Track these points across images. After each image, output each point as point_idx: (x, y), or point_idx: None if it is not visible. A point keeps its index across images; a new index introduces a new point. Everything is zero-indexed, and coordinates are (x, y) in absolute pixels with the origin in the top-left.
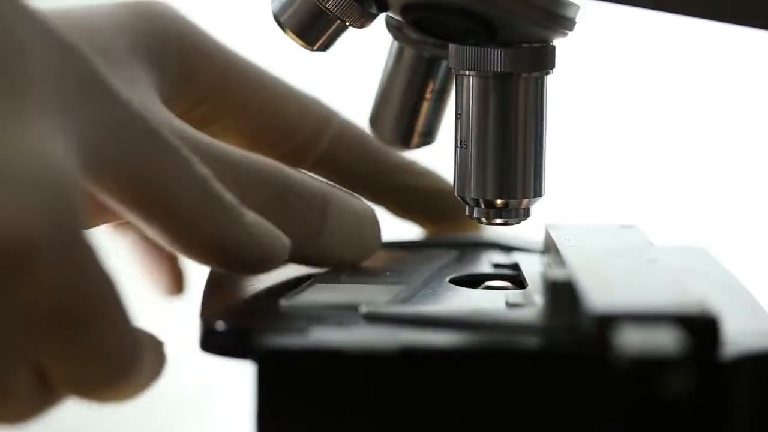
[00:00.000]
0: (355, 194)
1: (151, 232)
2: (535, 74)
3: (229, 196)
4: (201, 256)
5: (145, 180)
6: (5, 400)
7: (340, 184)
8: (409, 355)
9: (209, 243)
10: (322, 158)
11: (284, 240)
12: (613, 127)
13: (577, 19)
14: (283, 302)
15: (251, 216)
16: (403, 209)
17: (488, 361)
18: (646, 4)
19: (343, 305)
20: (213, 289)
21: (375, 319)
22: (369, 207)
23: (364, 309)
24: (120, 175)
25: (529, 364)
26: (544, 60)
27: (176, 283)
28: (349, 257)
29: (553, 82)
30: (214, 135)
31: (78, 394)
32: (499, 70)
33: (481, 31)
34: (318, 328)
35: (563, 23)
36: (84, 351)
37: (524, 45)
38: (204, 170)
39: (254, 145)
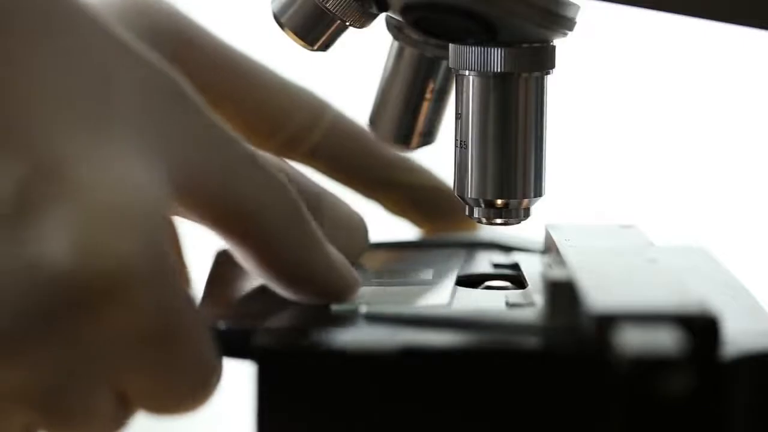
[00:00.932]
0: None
1: (237, 253)
2: (536, 74)
3: (314, 223)
4: (285, 283)
5: (239, 204)
6: (89, 422)
7: (333, 177)
8: (410, 355)
9: (295, 271)
10: (316, 150)
11: (357, 277)
12: (613, 127)
13: (577, 19)
14: (335, 308)
15: (332, 249)
16: (396, 205)
17: (488, 361)
18: (646, 4)
19: (402, 309)
20: (213, 289)
21: (375, 319)
22: (357, 212)
23: (363, 309)
24: (212, 197)
25: (529, 364)
26: (545, 60)
27: (180, 275)
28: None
29: (553, 82)
30: None
31: (156, 411)
32: (499, 70)
33: (481, 31)
34: (318, 328)
35: (563, 23)
36: (169, 372)
37: (524, 45)
38: (295, 194)
39: (247, 136)
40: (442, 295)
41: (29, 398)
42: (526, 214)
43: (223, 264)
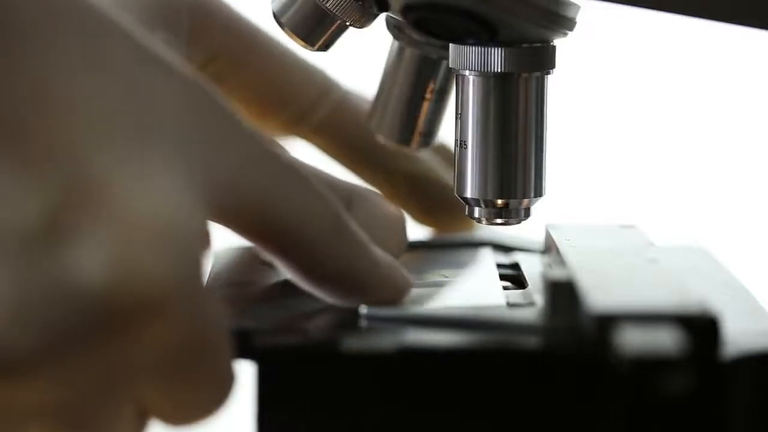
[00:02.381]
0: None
1: (280, 264)
2: (536, 74)
3: (358, 231)
4: (329, 291)
5: (278, 217)
6: None
7: (335, 158)
8: (409, 355)
9: (338, 279)
10: (320, 127)
11: (408, 279)
12: (613, 127)
13: (577, 19)
14: (363, 309)
15: (379, 252)
16: (395, 193)
17: (488, 361)
18: (646, 4)
19: (436, 311)
20: (213, 290)
21: (375, 319)
22: (398, 211)
23: (363, 309)
24: (251, 211)
25: (529, 364)
26: (545, 60)
27: None
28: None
29: (553, 82)
30: None
31: (170, 422)
32: (499, 70)
33: (481, 31)
34: (318, 328)
35: (563, 23)
36: (190, 391)
37: (524, 45)
38: (337, 204)
39: (256, 108)
40: (497, 296)
41: (50, 413)
42: (527, 214)
43: (223, 264)
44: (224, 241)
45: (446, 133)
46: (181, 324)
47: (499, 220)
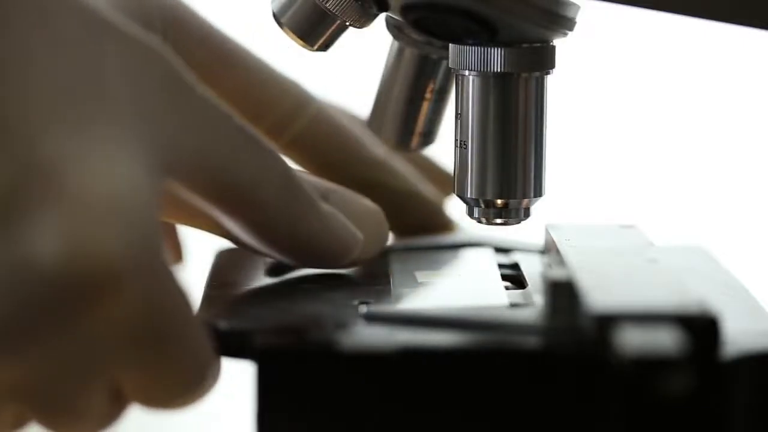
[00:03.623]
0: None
1: (232, 226)
2: (536, 74)
3: (307, 189)
4: (281, 250)
5: (231, 178)
6: (82, 418)
7: (312, 171)
8: (409, 355)
9: (290, 237)
10: (296, 140)
11: (358, 234)
12: (613, 127)
13: (577, 19)
14: (363, 309)
15: (327, 208)
16: None
17: (488, 361)
18: (646, 4)
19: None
20: (213, 289)
21: (375, 319)
22: (375, 206)
23: (363, 309)
24: (205, 174)
25: (529, 364)
26: (544, 60)
27: (175, 251)
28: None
29: (553, 82)
30: None
31: (150, 405)
32: (499, 70)
33: (481, 31)
34: (318, 328)
35: (563, 23)
36: (163, 368)
37: (524, 45)
38: (285, 163)
39: None
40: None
41: (22, 393)
42: (526, 214)
43: (223, 264)
44: (224, 241)
45: (446, 133)
46: (138, 298)
47: (498, 220)
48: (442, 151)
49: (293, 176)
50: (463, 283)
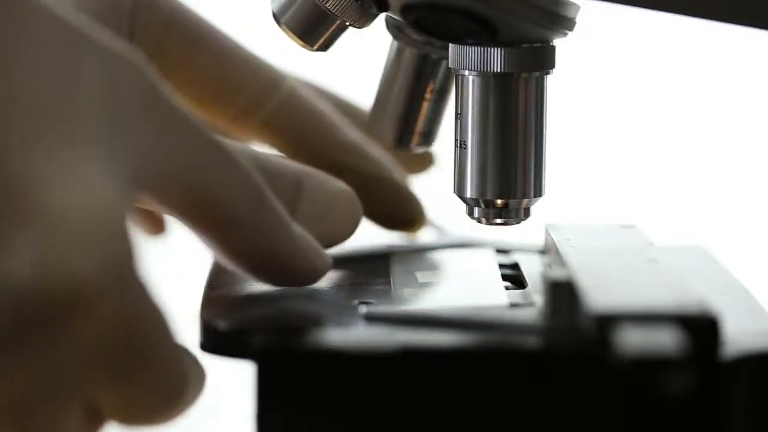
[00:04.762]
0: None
1: (205, 243)
2: (536, 74)
3: (280, 208)
4: (250, 268)
5: (203, 194)
6: None
7: (284, 152)
8: (409, 355)
9: (260, 255)
10: (268, 122)
11: (326, 256)
12: (613, 127)
13: (577, 19)
14: (363, 309)
15: (298, 229)
16: None
17: (488, 361)
18: (646, 4)
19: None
20: (213, 289)
21: (375, 319)
22: (347, 188)
23: (363, 309)
24: (179, 190)
25: (529, 364)
26: (544, 60)
27: (156, 225)
28: (324, 238)
29: (553, 82)
30: None
31: (128, 423)
32: (499, 70)
33: (481, 31)
34: (318, 328)
35: (563, 23)
36: (139, 386)
37: (524, 45)
38: (260, 181)
39: (204, 102)
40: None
41: None
42: (526, 214)
43: (222, 265)
44: None
45: (446, 133)
46: (111, 317)
47: (498, 220)
48: (442, 151)
49: (267, 196)
50: (463, 283)
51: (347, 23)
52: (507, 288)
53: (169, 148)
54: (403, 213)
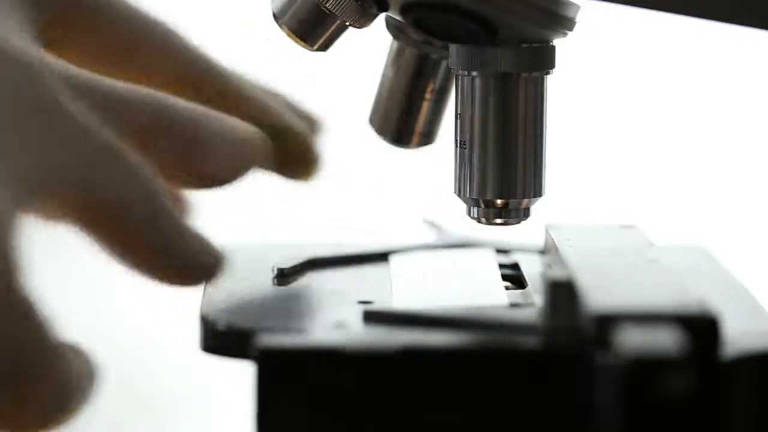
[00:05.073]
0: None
1: (98, 245)
2: (535, 74)
3: (171, 209)
4: (143, 267)
5: (94, 200)
6: None
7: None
8: (409, 355)
9: (154, 257)
10: (170, 81)
11: (219, 255)
12: (613, 127)
13: (577, 19)
14: (368, 309)
15: (192, 230)
16: None
17: (488, 361)
18: (646, 4)
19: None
20: (213, 289)
21: (375, 319)
22: (249, 126)
23: (363, 309)
24: (68, 196)
25: (529, 364)
26: (544, 60)
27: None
28: (224, 174)
29: (553, 82)
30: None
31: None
32: (499, 70)
33: (481, 31)
34: (318, 328)
35: (563, 23)
36: (21, 400)
37: (524, 45)
38: (151, 179)
39: (107, 60)
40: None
41: None
42: (526, 214)
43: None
44: (224, 241)
45: (446, 133)
46: None
47: (498, 220)
48: (442, 151)
49: (158, 196)
50: (463, 283)
51: (347, 23)
52: (507, 288)
53: (57, 155)
54: (307, 165)
